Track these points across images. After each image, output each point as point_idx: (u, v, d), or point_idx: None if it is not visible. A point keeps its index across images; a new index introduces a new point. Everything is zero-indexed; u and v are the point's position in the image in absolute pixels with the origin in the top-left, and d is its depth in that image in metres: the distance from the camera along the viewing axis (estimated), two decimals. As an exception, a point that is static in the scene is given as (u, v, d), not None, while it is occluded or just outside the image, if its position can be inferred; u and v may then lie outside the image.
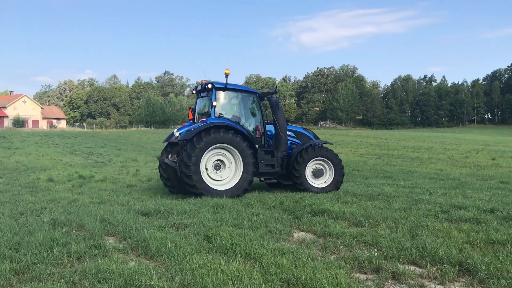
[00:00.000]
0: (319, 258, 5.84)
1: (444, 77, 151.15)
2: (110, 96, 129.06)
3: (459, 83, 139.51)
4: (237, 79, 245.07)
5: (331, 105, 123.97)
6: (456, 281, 5.12)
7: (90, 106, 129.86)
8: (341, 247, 6.40)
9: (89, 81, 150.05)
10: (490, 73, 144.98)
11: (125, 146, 43.39)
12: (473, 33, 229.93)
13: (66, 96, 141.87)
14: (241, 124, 12.43)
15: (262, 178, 13.29)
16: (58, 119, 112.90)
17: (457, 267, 5.40)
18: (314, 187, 12.75)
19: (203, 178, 11.37)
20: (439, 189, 12.80)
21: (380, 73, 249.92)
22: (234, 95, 12.88)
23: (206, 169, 11.58)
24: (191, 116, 13.15)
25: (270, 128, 13.12)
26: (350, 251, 6.17)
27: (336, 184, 13.06)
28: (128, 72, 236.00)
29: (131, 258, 6.05)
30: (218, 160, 11.83)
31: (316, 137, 14.11)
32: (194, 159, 11.13)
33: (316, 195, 11.45)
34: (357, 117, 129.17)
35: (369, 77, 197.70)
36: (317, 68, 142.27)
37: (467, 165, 24.15)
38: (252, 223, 7.81)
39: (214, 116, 11.98)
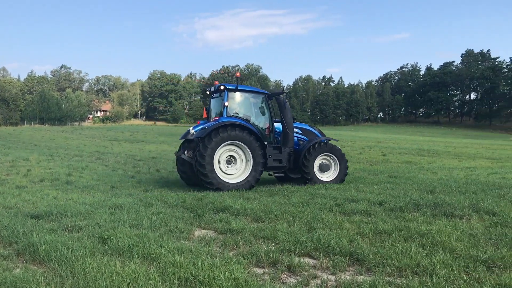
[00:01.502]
0: (218, 255, 5.87)
1: (341, 78, 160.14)
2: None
3: (355, 84, 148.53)
4: (140, 75, 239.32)
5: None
6: (346, 270, 5.43)
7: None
8: (241, 243, 6.49)
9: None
10: (382, 75, 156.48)
11: (15, 145, 40.10)
12: (367, 37, 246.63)
13: None
14: (251, 122, 13.39)
15: (271, 172, 14.29)
16: None
17: (347, 257, 5.72)
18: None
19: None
20: (334, 184, 13.48)
21: (282, 73, 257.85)
22: (245, 96, 13.83)
23: (219, 165, 12.56)
24: (205, 115, 14.16)
25: (278, 125, 14.08)
26: (249, 247, 6.28)
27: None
28: (19, 65, 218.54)
29: (17, 264, 5.61)
30: (229, 155, 12.83)
31: (322, 134, 15.05)
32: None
33: (219, 193, 11.49)
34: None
35: (273, 77, 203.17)
36: (223, 66, 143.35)
37: (360, 161, 25.74)
38: (152, 223, 7.64)
39: (226, 115, 12.95)
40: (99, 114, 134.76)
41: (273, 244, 6.31)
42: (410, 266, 5.31)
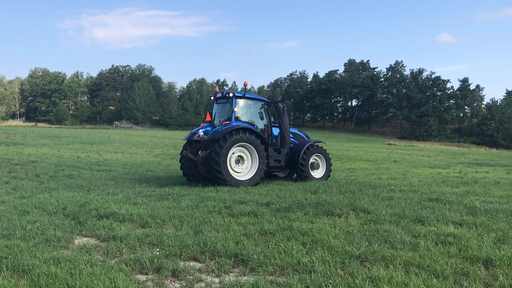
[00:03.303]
0: (99, 263, 5.58)
1: (234, 82, 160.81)
2: None
3: (248, 88, 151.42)
4: (19, 72, 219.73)
5: (127, 105, 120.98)
6: (231, 272, 5.50)
7: None
8: (124, 249, 6.25)
9: None
10: (273, 81, 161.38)
11: None
12: (259, 44, 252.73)
13: None
14: (254, 126, 14.97)
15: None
16: None
17: (232, 259, 5.80)
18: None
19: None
20: (225, 187, 13.60)
21: (176, 75, 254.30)
22: (250, 102, 15.50)
23: (230, 164, 13.91)
24: (208, 118, 15.58)
25: (275, 129, 15.80)
26: (133, 253, 6.07)
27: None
28: None
29: None
30: (238, 156, 14.28)
31: (308, 137, 17.25)
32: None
33: (104, 198, 10.97)
34: (154, 118, 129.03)
35: (166, 78, 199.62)
36: (112, 66, 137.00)
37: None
38: (26, 232, 7.05)
39: (234, 119, 14.41)
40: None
41: (158, 249, 6.17)
42: (291, 264, 5.54)
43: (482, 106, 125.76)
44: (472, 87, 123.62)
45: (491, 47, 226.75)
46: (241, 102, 15.06)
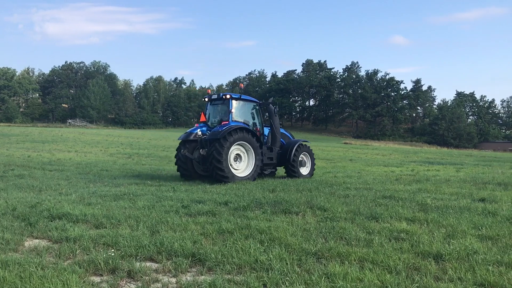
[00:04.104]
0: (51, 265, 5.38)
1: (193, 80, 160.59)
2: None
3: (206, 87, 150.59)
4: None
5: (81, 102, 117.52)
6: (188, 271, 5.44)
7: None
8: (78, 251, 6.07)
9: None
10: (232, 80, 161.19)
11: None
12: (217, 42, 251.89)
13: None
14: (248, 125, 15.72)
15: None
16: None
17: (190, 259, 5.74)
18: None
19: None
20: (183, 186, 13.49)
21: (132, 73, 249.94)
22: (244, 104, 16.32)
23: (230, 161, 14.64)
24: (203, 119, 16.32)
25: (265, 129, 16.85)
26: (87, 254, 5.90)
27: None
28: None
29: None
30: (236, 154, 15.09)
31: (293, 136, 18.40)
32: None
33: (57, 199, 10.62)
34: (109, 116, 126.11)
35: (122, 76, 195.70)
36: (66, 62, 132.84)
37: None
38: (-28, 235, 6.71)
39: (231, 120, 15.15)
40: None
41: (113, 250, 6.03)
42: (249, 262, 5.55)
43: (434, 106, 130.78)
44: (424, 88, 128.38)
45: (442, 49, 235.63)
46: (237, 103, 15.88)
